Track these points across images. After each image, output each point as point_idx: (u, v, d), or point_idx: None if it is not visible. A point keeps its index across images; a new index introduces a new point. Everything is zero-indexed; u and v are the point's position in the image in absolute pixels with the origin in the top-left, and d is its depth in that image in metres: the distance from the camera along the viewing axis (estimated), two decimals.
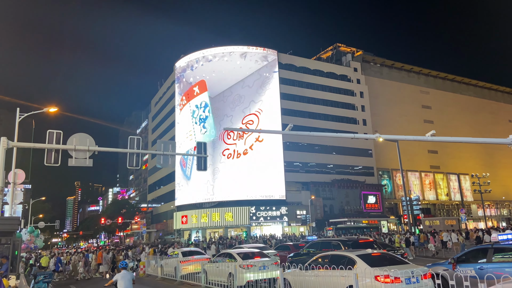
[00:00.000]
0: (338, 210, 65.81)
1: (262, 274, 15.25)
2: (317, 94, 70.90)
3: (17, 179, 21.17)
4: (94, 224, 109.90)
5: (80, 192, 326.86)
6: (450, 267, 11.92)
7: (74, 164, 16.20)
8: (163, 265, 22.22)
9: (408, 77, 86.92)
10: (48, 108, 24.46)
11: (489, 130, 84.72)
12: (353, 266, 10.82)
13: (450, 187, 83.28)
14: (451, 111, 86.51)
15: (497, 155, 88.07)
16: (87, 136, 16.50)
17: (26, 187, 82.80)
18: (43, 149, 15.72)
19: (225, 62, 66.19)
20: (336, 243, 18.43)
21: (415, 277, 10.08)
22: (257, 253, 17.23)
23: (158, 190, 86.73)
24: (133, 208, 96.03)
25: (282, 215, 61.93)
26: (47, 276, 18.14)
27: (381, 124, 73.20)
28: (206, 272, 17.44)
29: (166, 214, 79.54)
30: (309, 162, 67.68)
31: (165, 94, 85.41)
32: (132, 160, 17.54)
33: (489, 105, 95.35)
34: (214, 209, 62.92)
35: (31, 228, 23.63)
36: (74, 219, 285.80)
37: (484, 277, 9.34)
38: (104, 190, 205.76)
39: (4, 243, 13.37)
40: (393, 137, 16.47)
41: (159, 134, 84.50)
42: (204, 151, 18.97)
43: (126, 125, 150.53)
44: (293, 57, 72.24)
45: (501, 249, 11.52)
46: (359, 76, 77.60)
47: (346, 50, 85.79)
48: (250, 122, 63.57)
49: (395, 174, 75.75)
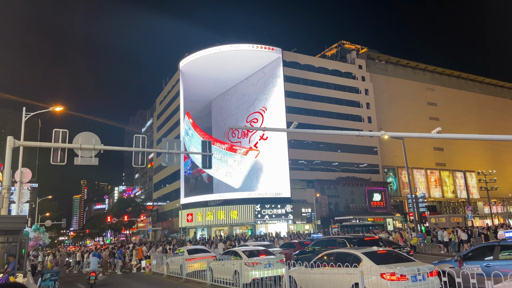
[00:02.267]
0: (343, 207, 65.71)
1: (268, 272, 15.28)
2: (321, 92, 70.70)
3: (23, 178, 21.31)
4: (100, 222, 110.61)
5: (86, 190, 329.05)
6: (456, 265, 11.87)
7: (80, 163, 16.27)
8: (169, 263, 22.32)
9: (413, 74, 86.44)
10: (54, 107, 24.60)
11: (495, 127, 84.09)
12: (359, 264, 10.80)
13: (456, 184, 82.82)
14: (457, 108, 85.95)
15: (503, 152, 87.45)
16: (92, 135, 16.57)
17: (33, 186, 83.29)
18: (49, 148, 15.81)
19: (230, 61, 66.16)
20: (341, 240, 18.41)
21: (421, 275, 10.04)
22: (263, 251, 17.26)
23: (164, 188, 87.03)
24: (138, 206, 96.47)
25: (287, 213, 61.95)
26: (54, 274, 18.26)
27: (386, 122, 72.92)
28: (211, 270, 17.49)
29: (171, 212, 79.82)
30: (314, 160, 67.59)
31: (170, 92, 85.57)
32: (137, 158, 17.60)
33: (495, 102, 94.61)
34: (219, 207, 63.05)
35: (36, 226, 23.78)
36: (80, 217, 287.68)
37: (491, 274, 9.28)
38: (110, 189, 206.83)
39: (11, 242, 13.46)
40: (398, 135, 16.40)
41: (164, 133, 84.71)
42: (209, 149, 19.01)
43: (132, 123, 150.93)
44: (298, 55, 72.07)
45: (508, 246, 11.45)
46: (364, 74, 77.27)
47: (350, 47, 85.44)
48: (254, 120, 63.56)
49: (401, 172, 75.46)
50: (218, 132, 65.39)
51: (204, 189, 65.71)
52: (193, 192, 67.75)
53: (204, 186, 65.86)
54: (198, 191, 66.45)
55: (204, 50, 68.48)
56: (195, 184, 68.11)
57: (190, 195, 68.25)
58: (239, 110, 65.18)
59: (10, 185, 15.25)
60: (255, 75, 66.23)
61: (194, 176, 68.81)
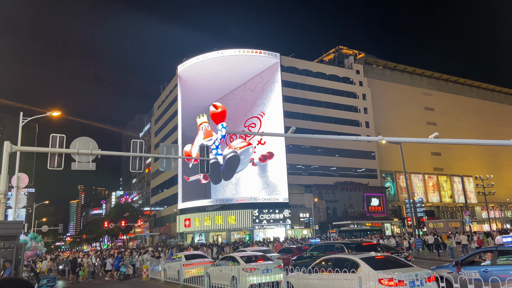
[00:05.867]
0: (341, 212, 65.64)
1: (266, 278, 15.21)
2: (319, 97, 70.87)
3: (20, 183, 21.24)
4: (98, 228, 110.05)
5: (84, 195, 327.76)
6: (454, 270, 11.85)
7: (77, 168, 16.24)
8: (166, 269, 22.20)
9: (411, 79, 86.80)
10: (52, 112, 24.55)
11: (492, 132, 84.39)
12: (357, 269, 10.78)
13: (454, 189, 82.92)
14: (454, 113, 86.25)
15: (501, 157, 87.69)
16: (90, 139, 16.55)
17: (30, 191, 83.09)
18: (47, 153, 15.77)
19: (228, 66, 66.27)
20: (339, 246, 18.40)
21: (419, 280, 10.03)
22: (260, 256, 17.20)
23: (161, 193, 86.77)
24: (136, 211, 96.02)
25: (285, 218, 61.82)
26: (51, 280, 18.16)
27: (384, 126, 73.07)
28: (209, 276, 17.41)
29: (169, 217, 79.53)
30: (312, 164, 67.60)
31: (168, 97, 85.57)
32: (135, 163, 17.57)
33: (493, 107, 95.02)
34: (217, 212, 62.89)
35: (33, 234, 23.66)
36: (77, 222, 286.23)
37: (488, 280, 9.28)
38: (107, 194, 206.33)
39: (7, 247, 13.38)
40: (396, 139, 16.47)
41: (162, 138, 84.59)
42: (207, 154, 18.99)
43: (129, 128, 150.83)
44: (296, 60, 72.30)
45: (506, 252, 11.45)
46: (362, 79, 77.54)
47: (348, 52, 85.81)
48: (252, 125, 63.59)
49: (399, 177, 75.52)
50: None
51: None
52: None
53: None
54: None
55: (202, 55, 68.60)
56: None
57: (188, 200, 68.04)
58: (237, 115, 65.20)
59: (6, 190, 15.19)
60: (253, 80, 66.34)
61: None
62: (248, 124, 63.71)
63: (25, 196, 26.48)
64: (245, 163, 62.60)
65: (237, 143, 62.80)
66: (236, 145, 62.47)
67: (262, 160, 62.28)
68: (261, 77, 66.03)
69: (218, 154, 60.79)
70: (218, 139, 61.45)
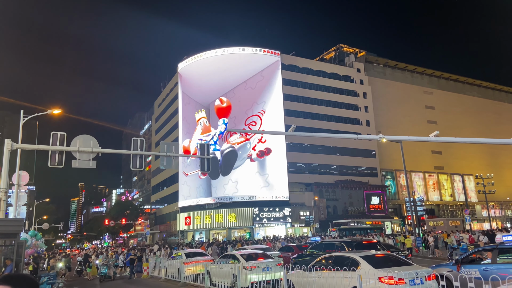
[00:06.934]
0: (341, 211, 65.67)
1: (266, 276, 15.24)
2: (320, 95, 70.83)
3: (21, 180, 21.24)
4: (98, 226, 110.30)
5: (84, 193, 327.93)
6: (454, 268, 11.86)
7: (77, 165, 16.26)
8: (166, 266, 22.24)
9: (412, 78, 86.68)
10: (52, 110, 24.56)
11: (493, 131, 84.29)
12: (357, 268, 10.79)
13: (454, 188, 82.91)
14: (455, 111, 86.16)
15: (501, 155, 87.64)
16: (90, 137, 16.56)
17: (30, 189, 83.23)
18: (47, 150, 15.79)
19: (228, 64, 66.22)
20: (339, 244, 18.40)
21: (419, 279, 10.03)
22: (261, 255, 17.22)
23: (162, 191, 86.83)
24: (136, 209, 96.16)
25: (285, 216, 61.88)
26: (51, 277, 18.18)
27: (385, 125, 73.02)
28: (209, 273, 17.44)
29: (169, 215, 79.61)
30: (313, 163, 67.61)
31: (168, 95, 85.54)
32: (135, 161, 17.58)
33: (493, 106, 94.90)
34: (217, 210, 62.94)
35: (33, 232, 23.67)
36: (78, 220, 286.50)
37: (488, 278, 9.28)
38: (108, 192, 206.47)
39: (8, 245, 13.41)
40: (396, 138, 16.46)
41: (163, 136, 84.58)
42: (207, 152, 18.99)
43: (130, 126, 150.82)
44: (296, 58, 72.23)
45: (506, 250, 11.45)
46: (362, 77, 77.46)
47: (349, 50, 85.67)
48: (253, 123, 63.57)
49: (399, 175, 75.52)
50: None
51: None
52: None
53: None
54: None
55: (203, 53, 68.54)
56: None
57: (189, 198, 68.09)
58: (237, 113, 65.17)
59: (7, 188, 15.22)
60: (254, 78, 66.30)
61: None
62: (248, 122, 63.69)
63: (25, 194, 26.51)
64: (242, 158, 62.66)
65: (235, 139, 62.97)
66: (234, 141, 62.64)
67: (260, 156, 62.30)
68: (261, 75, 65.98)
69: (216, 150, 60.96)
70: (217, 134, 61.64)
